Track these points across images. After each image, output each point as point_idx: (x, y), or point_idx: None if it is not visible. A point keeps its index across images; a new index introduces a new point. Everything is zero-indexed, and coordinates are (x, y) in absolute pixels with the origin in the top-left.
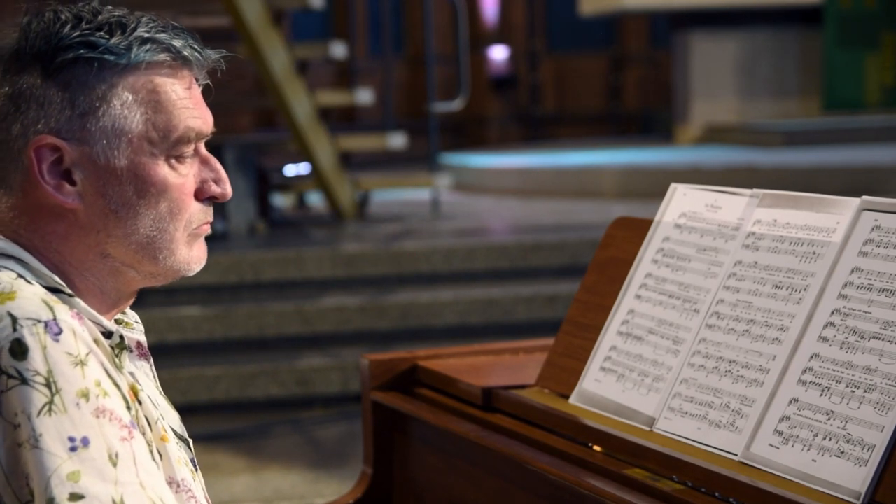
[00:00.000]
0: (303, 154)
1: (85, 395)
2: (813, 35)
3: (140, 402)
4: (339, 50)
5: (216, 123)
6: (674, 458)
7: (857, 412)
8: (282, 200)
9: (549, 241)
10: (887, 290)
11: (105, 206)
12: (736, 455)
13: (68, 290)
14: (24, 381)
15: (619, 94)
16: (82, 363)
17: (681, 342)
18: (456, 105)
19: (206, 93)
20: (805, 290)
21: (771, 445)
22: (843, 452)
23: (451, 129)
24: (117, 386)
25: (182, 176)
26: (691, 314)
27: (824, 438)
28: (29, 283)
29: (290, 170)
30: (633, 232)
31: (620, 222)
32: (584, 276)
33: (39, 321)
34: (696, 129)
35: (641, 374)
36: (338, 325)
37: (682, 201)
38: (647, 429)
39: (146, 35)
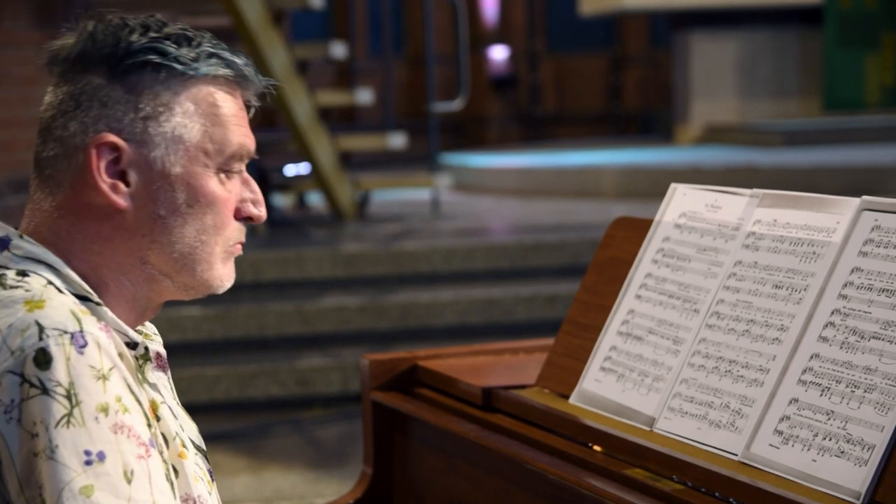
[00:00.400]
0: (303, 154)
1: (104, 410)
2: (813, 35)
3: (159, 419)
4: (339, 50)
5: None
6: (674, 458)
7: (857, 412)
8: (282, 200)
9: (549, 241)
10: (887, 290)
11: (154, 211)
12: (736, 455)
13: (97, 299)
14: (45, 391)
15: (619, 94)
16: (104, 377)
17: (681, 342)
18: (456, 105)
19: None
20: (805, 290)
21: (771, 445)
22: (843, 452)
23: (451, 129)
24: (139, 402)
25: (228, 192)
26: (691, 314)
27: (824, 438)
28: (59, 290)
29: (290, 170)
30: (633, 232)
31: (620, 222)
32: (584, 276)
33: (66, 332)
34: (696, 129)
35: (641, 374)
36: (338, 325)
37: (682, 201)
38: (647, 429)
39: (211, 50)
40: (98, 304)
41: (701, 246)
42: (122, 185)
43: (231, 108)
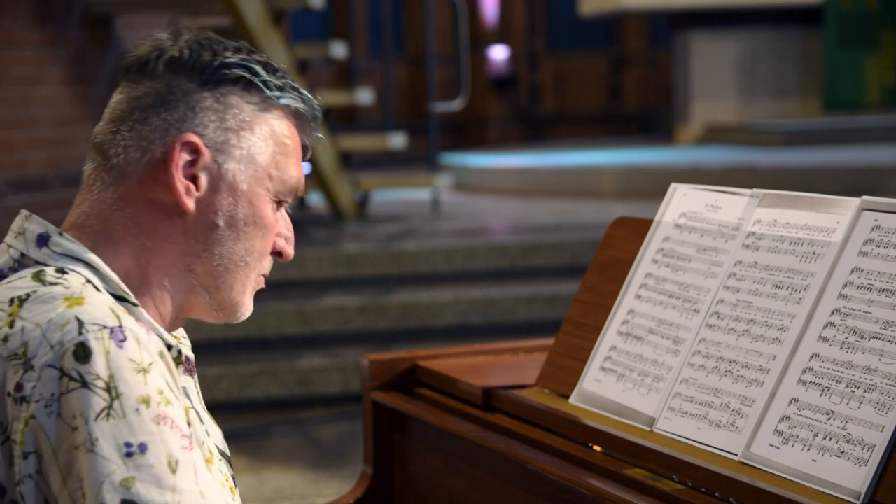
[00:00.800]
0: None
1: (146, 402)
2: (813, 35)
3: (189, 424)
4: (339, 50)
5: None
6: (674, 458)
7: (857, 412)
8: None
9: (549, 241)
10: (887, 290)
11: (213, 221)
12: (736, 455)
13: (133, 300)
14: (84, 384)
15: (619, 94)
16: (145, 371)
17: (681, 342)
18: (456, 105)
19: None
20: (805, 290)
21: (771, 445)
22: (843, 452)
23: (451, 129)
24: (177, 398)
25: (275, 221)
26: (691, 314)
27: (824, 438)
28: (97, 289)
29: None
30: (633, 232)
31: (620, 222)
32: (584, 276)
33: (105, 327)
34: (696, 129)
35: (641, 374)
36: (338, 325)
37: (682, 201)
38: (647, 429)
39: (293, 84)
40: (134, 304)
41: (701, 246)
42: (192, 187)
43: (296, 143)
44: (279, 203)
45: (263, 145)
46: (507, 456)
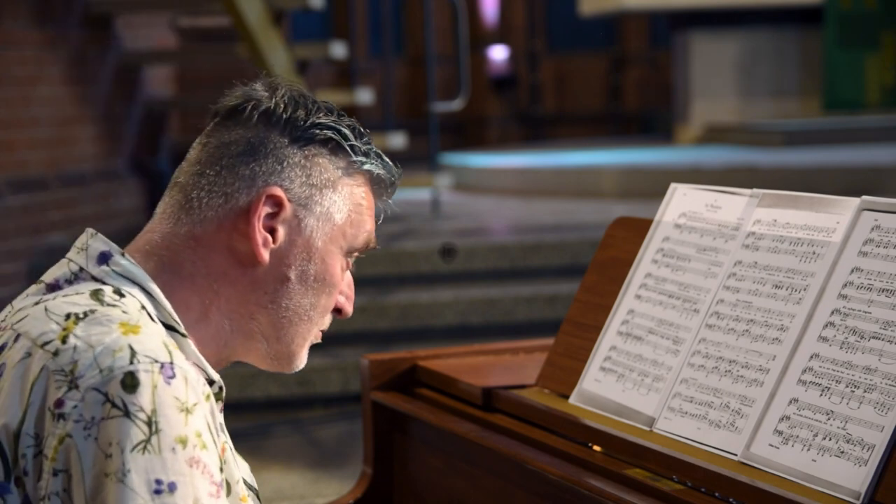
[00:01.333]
0: None
1: (183, 442)
2: (813, 35)
3: (225, 462)
4: (339, 50)
5: None
6: (674, 458)
7: (857, 412)
8: None
9: (549, 241)
10: (887, 290)
11: (285, 274)
12: (736, 455)
13: (182, 331)
14: (127, 413)
15: (619, 94)
16: (188, 411)
17: (681, 342)
18: (456, 105)
19: None
20: (805, 290)
21: (771, 445)
22: (842, 452)
23: (451, 129)
24: (215, 444)
25: (341, 279)
26: (691, 314)
27: (824, 438)
28: (151, 318)
29: None
30: (633, 232)
31: (620, 222)
32: (584, 276)
33: (157, 361)
34: (696, 129)
35: (641, 374)
36: (338, 325)
37: (682, 201)
38: (647, 429)
39: (376, 150)
40: (184, 335)
41: (701, 246)
42: (270, 239)
43: (372, 205)
44: (348, 260)
45: (342, 205)
46: (507, 456)
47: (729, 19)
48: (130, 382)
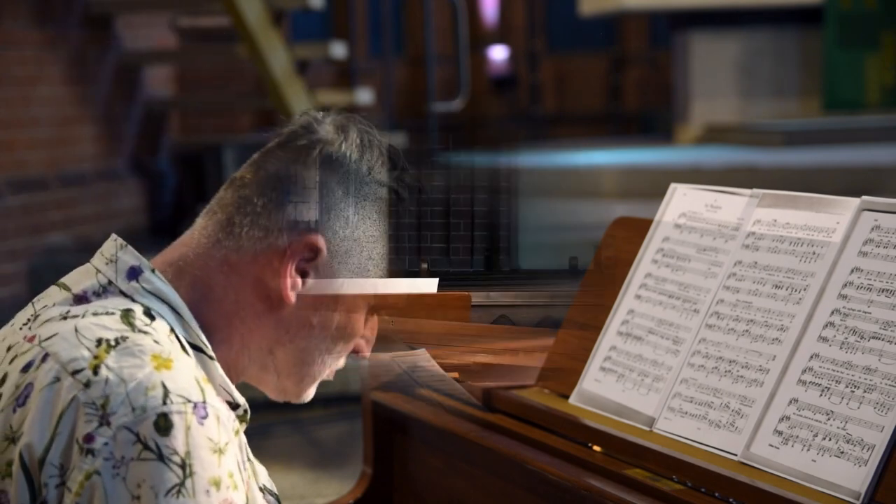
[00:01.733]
0: None
1: (217, 484)
2: (813, 35)
3: (249, 489)
4: (339, 50)
5: (215, 123)
6: (674, 458)
7: (856, 412)
8: None
9: (549, 240)
10: (887, 290)
11: (309, 318)
12: (736, 455)
13: (210, 353)
14: (160, 457)
15: (619, 94)
16: (220, 451)
17: (681, 342)
18: (456, 105)
19: None
20: (805, 290)
21: (771, 445)
22: (842, 452)
23: (450, 129)
24: (243, 481)
25: (363, 328)
26: (691, 314)
27: (824, 438)
28: (180, 341)
29: None
30: (633, 232)
31: (620, 222)
32: (584, 276)
33: (189, 401)
34: (696, 129)
35: (641, 374)
36: None
37: (682, 201)
38: (647, 429)
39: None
40: (211, 357)
41: (701, 246)
42: (300, 283)
43: None
44: (374, 311)
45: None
46: (507, 456)
47: (729, 19)
48: (164, 424)
